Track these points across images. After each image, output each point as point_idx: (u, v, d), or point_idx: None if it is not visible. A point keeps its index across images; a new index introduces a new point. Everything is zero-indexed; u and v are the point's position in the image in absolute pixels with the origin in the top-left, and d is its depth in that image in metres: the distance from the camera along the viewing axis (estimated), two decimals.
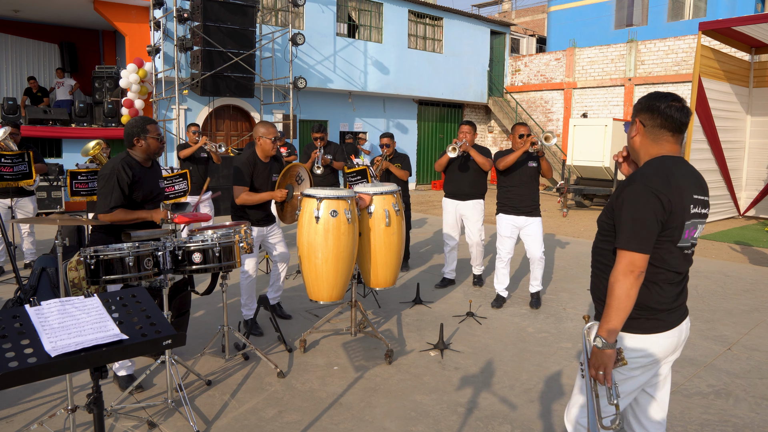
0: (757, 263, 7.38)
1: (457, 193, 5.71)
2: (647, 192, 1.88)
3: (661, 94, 2.01)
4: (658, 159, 1.98)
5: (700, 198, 1.97)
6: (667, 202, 1.87)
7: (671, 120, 1.95)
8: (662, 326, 1.99)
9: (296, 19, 13.89)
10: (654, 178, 1.90)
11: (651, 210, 1.87)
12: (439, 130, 18.60)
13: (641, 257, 1.88)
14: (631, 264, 1.88)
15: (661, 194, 1.87)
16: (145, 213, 3.35)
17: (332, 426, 3.05)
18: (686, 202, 1.92)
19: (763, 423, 3.13)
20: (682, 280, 2.02)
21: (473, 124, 5.59)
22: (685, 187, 1.92)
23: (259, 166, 4.34)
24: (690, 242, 1.99)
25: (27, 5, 11.64)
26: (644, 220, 1.87)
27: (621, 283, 1.88)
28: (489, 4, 32.59)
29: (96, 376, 1.75)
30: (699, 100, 9.92)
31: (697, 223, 1.98)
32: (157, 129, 3.46)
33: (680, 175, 1.94)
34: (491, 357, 4.02)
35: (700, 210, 1.98)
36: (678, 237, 1.93)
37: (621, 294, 1.88)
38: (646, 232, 1.87)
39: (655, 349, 1.99)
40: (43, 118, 10.91)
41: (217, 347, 4.10)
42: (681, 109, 1.96)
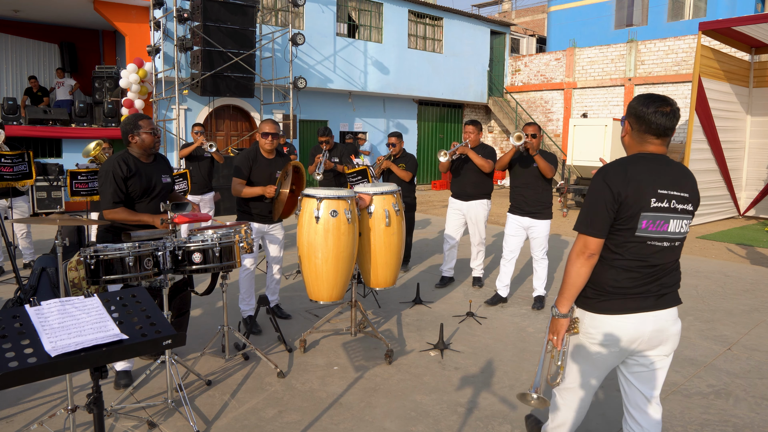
0: (757, 263, 7.38)
1: (460, 193, 5.72)
2: (601, 183, 2.08)
3: (651, 99, 2.13)
4: (630, 156, 2.15)
5: (670, 192, 2.07)
6: (617, 194, 2.04)
7: (656, 126, 2.11)
8: (618, 309, 2.12)
9: (296, 19, 13.89)
10: (611, 171, 2.09)
11: (602, 199, 2.07)
12: (439, 130, 18.60)
13: (593, 240, 2.09)
14: (584, 246, 2.10)
15: (612, 185, 2.05)
16: (148, 217, 3.37)
17: (332, 426, 3.05)
18: (645, 194, 2.04)
19: (763, 423, 3.13)
20: (651, 271, 2.11)
21: (478, 123, 5.56)
22: (644, 180, 2.05)
23: (261, 161, 4.39)
24: (661, 235, 2.08)
25: (27, 5, 11.64)
26: (596, 207, 2.08)
27: (573, 262, 2.12)
28: (489, 4, 32.59)
29: (96, 376, 1.75)
30: (699, 100, 9.92)
31: (671, 217, 2.07)
32: (150, 124, 3.48)
33: (646, 170, 2.07)
34: (491, 357, 4.01)
35: (672, 205, 2.08)
36: (634, 226, 2.06)
37: (573, 272, 2.12)
38: (597, 218, 2.08)
39: (611, 330, 2.13)
40: (43, 118, 10.91)
41: (217, 347, 4.10)
42: (668, 114, 2.10)
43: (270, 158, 4.43)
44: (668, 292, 2.16)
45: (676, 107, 2.14)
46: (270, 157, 4.43)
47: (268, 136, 4.33)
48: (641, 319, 2.12)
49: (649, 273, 2.12)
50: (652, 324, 2.12)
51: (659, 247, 2.10)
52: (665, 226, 2.08)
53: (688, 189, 2.12)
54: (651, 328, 2.12)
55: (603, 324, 2.14)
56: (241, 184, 4.34)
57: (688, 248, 8.35)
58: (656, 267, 2.12)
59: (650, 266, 2.11)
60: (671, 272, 2.16)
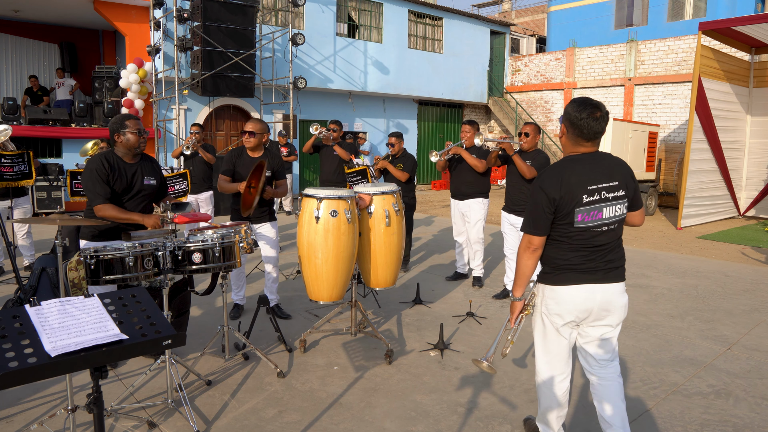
0: (757, 263, 7.38)
1: (456, 192, 5.80)
2: (538, 189, 2.45)
3: (585, 104, 2.44)
4: (563, 160, 2.50)
5: (600, 186, 2.43)
6: (552, 198, 2.40)
7: (588, 130, 2.43)
8: (571, 281, 2.47)
9: (296, 19, 13.88)
10: (546, 179, 2.44)
11: (540, 204, 2.43)
12: (439, 130, 18.60)
13: (536, 238, 2.47)
14: (529, 242, 2.49)
15: (548, 192, 2.41)
16: (138, 216, 3.41)
17: (332, 426, 3.05)
18: (576, 194, 2.39)
19: (763, 423, 3.13)
20: (595, 249, 2.47)
21: (475, 123, 5.60)
22: (575, 182, 2.40)
23: (245, 158, 4.50)
24: (599, 223, 2.43)
25: (27, 5, 11.64)
26: (536, 210, 2.45)
27: (521, 256, 2.52)
28: (489, 4, 32.59)
29: (96, 376, 1.75)
30: (699, 100, 9.93)
31: (603, 206, 2.43)
32: (137, 124, 3.51)
33: (576, 173, 2.41)
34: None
35: (602, 196, 2.43)
36: (572, 220, 2.42)
37: (522, 264, 2.52)
38: (538, 220, 2.45)
39: (562, 300, 2.49)
40: (43, 118, 10.91)
41: (217, 347, 4.10)
42: (599, 119, 2.42)
43: (255, 156, 4.53)
44: (615, 268, 2.51)
45: (606, 111, 2.46)
46: (255, 155, 4.53)
47: (245, 134, 4.49)
48: (591, 290, 2.46)
49: (595, 251, 2.47)
50: (601, 295, 2.47)
51: (598, 232, 2.46)
52: (599, 215, 2.43)
53: (618, 177, 2.46)
54: (600, 299, 2.47)
55: (559, 294, 2.50)
56: (225, 181, 4.48)
57: (688, 248, 8.36)
58: (600, 247, 2.47)
59: (594, 246, 2.46)
60: (615, 249, 2.52)
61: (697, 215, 10.65)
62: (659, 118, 15.17)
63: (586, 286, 2.46)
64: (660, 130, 14.14)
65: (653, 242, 8.85)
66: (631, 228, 10.18)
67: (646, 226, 10.56)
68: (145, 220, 3.38)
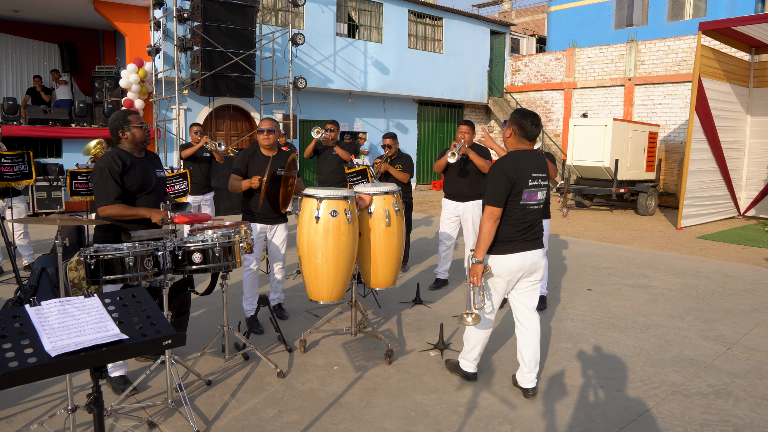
0: (757, 263, 7.38)
1: (456, 194, 5.69)
2: (500, 172, 3.18)
3: (525, 114, 3.27)
4: (515, 152, 3.28)
5: (537, 175, 3.22)
6: (510, 178, 3.15)
7: (530, 133, 3.27)
8: (510, 250, 3.24)
9: (296, 19, 13.88)
10: (507, 164, 3.18)
11: (501, 182, 3.16)
12: (439, 130, 18.60)
13: (496, 210, 3.17)
14: (491, 213, 3.18)
15: (509, 173, 3.15)
16: (145, 211, 3.32)
17: (332, 426, 3.05)
18: (525, 178, 3.17)
19: (763, 423, 3.13)
20: (527, 225, 3.24)
21: (471, 123, 5.57)
22: (525, 169, 3.18)
23: (259, 157, 4.45)
24: (533, 202, 3.24)
25: (27, 5, 11.64)
26: (497, 187, 3.17)
27: (485, 224, 3.19)
28: (489, 4, 32.59)
29: (96, 376, 1.75)
30: (699, 100, 9.92)
31: (537, 190, 3.24)
32: (139, 118, 3.46)
33: (524, 161, 3.20)
34: (491, 357, 4.01)
35: (539, 183, 3.24)
36: (520, 198, 3.19)
37: (485, 231, 3.18)
38: (499, 195, 3.16)
39: (505, 264, 3.25)
40: (43, 118, 10.91)
41: (217, 347, 4.10)
42: (537, 125, 3.27)
43: (269, 155, 4.47)
44: (537, 238, 3.33)
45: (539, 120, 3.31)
46: (269, 154, 4.47)
47: (264, 132, 4.44)
48: (523, 256, 3.26)
49: (526, 226, 3.25)
50: (530, 259, 3.28)
51: (532, 209, 3.26)
52: (535, 196, 3.25)
53: (545, 170, 3.30)
54: (529, 262, 3.28)
55: (503, 262, 3.25)
56: (236, 180, 4.42)
57: (688, 248, 8.36)
58: (529, 221, 3.26)
59: (526, 221, 3.25)
60: (538, 224, 3.33)
61: (697, 215, 10.65)
62: (659, 118, 15.17)
63: (521, 253, 3.25)
64: (660, 130, 14.14)
65: (653, 242, 8.85)
66: (631, 228, 10.21)
67: (646, 226, 10.56)
68: (152, 214, 3.30)
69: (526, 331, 3.39)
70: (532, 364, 3.37)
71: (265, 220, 4.49)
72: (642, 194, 12.06)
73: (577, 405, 3.33)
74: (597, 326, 4.73)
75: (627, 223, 11.04)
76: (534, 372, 3.38)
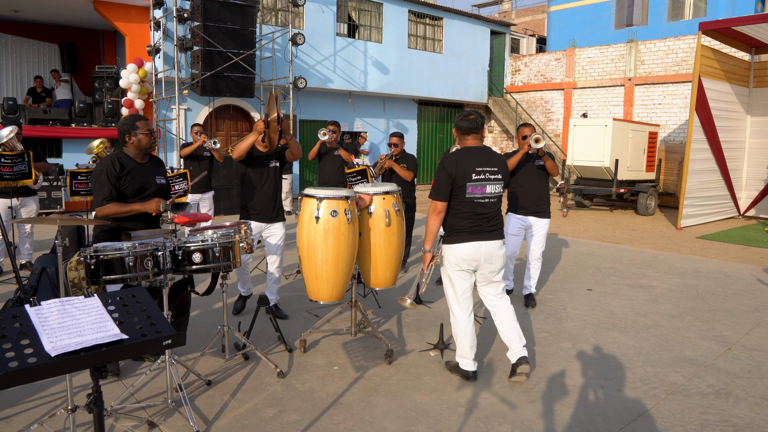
0: (757, 263, 7.38)
1: None
2: (441, 168, 3.44)
3: (460, 114, 3.54)
4: (460, 149, 3.50)
5: (482, 169, 3.41)
6: (450, 174, 3.38)
7: (464, 129, 3.52)
8: (462, 240, 3.46)
9: (296, 19, 13.88)
10: (447, 160, 3.42)
11: (442, 177, 3.42)
12: (439, 130, 18.60)
13: (440, 203, 3.44)
14: (435, 207, 3.45)
15: (447, 169, 3.39)
16: (138, 205, 3.40)
17: (332, 426, 3.05)
18: (467, 173, 3.37)
19: (763, 423, 3.13)
20: (479, 217, 3.44)
21: None
22: (466, 164, 3.38)
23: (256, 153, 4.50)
24: (482, 195, 3.42)
25: (27, 5, 11.64)
26: (439, 182, 3.43)
27: (429, 217, 3.47)
28: (489, 4, 32.58)
29: (96, 376, 1.75)
30: (699, 100, 9.92)
31: (486, 183, 3.42)
32: (147, 125, 3.52)
33: (466, 157, 3.42)
34: (491, 357, 4.01)
35: (486, 177, 3.42)
36: (464, 192, 3.39)
37: (430, 223, 3.47)
38: (442, 190, 3.42)
39: (457, 253, 3.47)
40: (43, 118, 10.90)
41: (217, 347, 4.10)
42: (467, 120, 3.50)
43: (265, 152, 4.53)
44: (495, 230, 3.51)
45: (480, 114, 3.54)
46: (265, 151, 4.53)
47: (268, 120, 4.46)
48: (477, 246, 3.45)
49: (479, 218, 3.44)
50: (485, 249, 3.47)
51: (482, 203, 3.44)
52: (483, 189, 3.42)
53: (496, 165, 3.47)
54: (484, 252, 3.47)
55: (455, 251, 3.48)
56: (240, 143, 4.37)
57: (688, 248, 8.36)
58: (482, 215, 3.45)
59: (478, 214, 3.44)
60: (495, 217, 3.51)
61: (697, 215, 10.65)
62: (659, 118, 15.17)
63: (473, 243, 3.45)
64: (660, 130, 14.13)
65: (653, 242, 8.85)
66: (631, 228, 10.21)
67: (646, 226, 10.56)
68: (146, 206, 3.38)
69: (498, 311, 3.61)
70: (515, 337, 3.57)
71: (262, 218, 4.51)
72: (642, 194, 12.06)
73: (577, 405, 3.33)
74: (597, 326, 4.73)
75: (627, 223, 11.04)
76: (520, 343, 3.56)
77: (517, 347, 3.56)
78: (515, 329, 3.59)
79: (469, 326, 3.57)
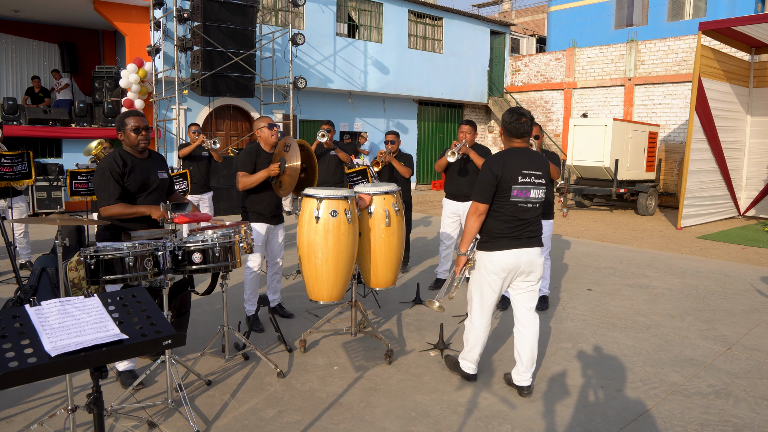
0: (757, 263, 7.38)
1: (457, 194, 5.69)
2: (487, 168, 3.23)
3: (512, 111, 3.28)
4: (506, 150, 3.32)
5: (529, 172, 3.22)
6: (496, 174, 3.18)
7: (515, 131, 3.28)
8: (502, 247, 3.24)
9: (296, 19, 13.88)
10: (493, 161, 3.24)
11: (487, 178, 3.21)
12: (439, 130, 18.59)
13: (481, 205, 3.23)
14: (476, 208, 3.24)
15: (494, 170, 3.19)
16: (144, 208, 3.38)
17: (332, 426, 3.05)
18: (513, 175, 3.18)
19: (763, 423, 3.13)
20: (520, 222, 3.24)
21: (473, 123, 5.57)
22: (514, 166, 3.19)
23: (263, 155, 4.47)
24: (525, 200, 3.22)
25: (27, 5, 11.64)
26: (484, 183, 3.22)
27: (470, 219, 3.27)
28: (489, 4, 32.58)
29: (96, 376, 1.75)
30: (699, 100, 9.92)
31: (531, 188, 3.23)
32: (137, 121, 3.48)
33: (513, 158, 3.22)
34: (491, 357, 4.01)
35: (531, 180, 3.23)
36: (509, 195, 3.19)
37: (469, 225, 3.26)
38: (484, 190, 3.22)
39: (497, 261, 3.25)
40: (43, 118, 10.90)
41: (217, 347, 4.10)
42: (521, 122, 3.26)
43: (270, 152, 4.50)
44: (534, 236, 3.31)
45: (530, 116, 3.29)
46: (271, 152, 4.51)
47: (273, 127, 4.46)
48: (517, 254, 3.24)
49: (520, 224, 3.24)
50: (525, 257, 3.26)
51: (525, 207, 3.24)
52: (528, 194, 3.23)
53: (542, 169, 3.29)
54: (524, 260, 3.26)
55: (495, 258, 3.26)
56: (247, 176, 4.36)
57: (688, 248, 8.36)
58: (524, 220, 3.25)
59: (520, 219, 3.24)
60: (535, 223, 3.32)
61: (697, 215, 10.65)
62: (659, 118, 15.17)
63: (514, 250, 3.24)
64: (660, 130, 14.13)
65: (653, 242, 8.85)
66: (631, 228, 10.21)
67: (646, 226, 10.56)
68: (152, 211, 3.36)
69: (524, 330, 3.38)
70: (529, 364, 3.38)
71: (266, 219, 4.50)
72: (642, 194, 12.06)
73: (577, 405, 3.33)
74: (597, 326, 4.73)
75: (627, 223, 11.04)
76: (530, 371, 3.39)
77: (527, 375, 3.39)
78: (533, 353, 3.38)
79: (485, 336, 3.45)
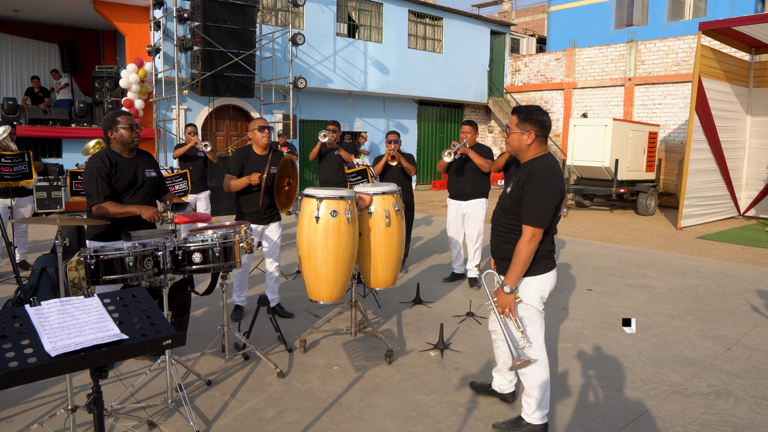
0: (757, 263, 7.38)
1: (458, 193, 5.71)
2: (551, 185, 2.72)
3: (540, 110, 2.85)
4: (547, 157, 2.84)
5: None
6: (560, 191, 2.76)
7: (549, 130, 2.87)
8: (546, 268, 2.88)
9: (296, 19, 13.88)
10: (555, 174, 2.76)
11: (551, 199, 2.73)
12: (439, 130, 18.59)
13: (541, 231, 2.74)
14: (534, 236, 2.74)
15: (557, 184, 2.75)
16: (135, 208, 3.44)
17: (332, 426, 3.05)
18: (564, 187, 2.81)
19: (763, 423, 3.13)
20: (552, 238, 2.93)
21: (474, 123, 5.58)
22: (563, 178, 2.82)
23: (253, 157, 4.50)
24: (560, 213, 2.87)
25: (27, 5, 11.64)
26: (548, 206, 2.72)
27: (526, 249, 2.74)
28: (489, 4, 32.58)
29: (96, 376, 1.75)
30: (699, 100, 9.92)
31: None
32: (129, 119, 3.53)
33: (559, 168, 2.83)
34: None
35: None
36: (558, 212, 2.81)
37: (525, 256, 2.75)
38: (548, 213, 2.73)
39: (547, 284, 2.89)
40: (43, 118, 10.90)
41: (217, 347, 4.10)
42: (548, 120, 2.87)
43: (263, 154, 4.53)
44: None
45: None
46: (263, 154, 4.53)
47: (264, 129, 4.48)
48: (554, 273, 2.93)
49: (552, 239, 2.92)
50: (555, 275, 2.94)
51: (557, 220, 2.88)
52: (563, 206, 2.97)
53: None
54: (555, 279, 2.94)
55: (543, 282, 2.88)
56: (232, 179, 4.46)
57: (688, 248, 8.35)
58: (553, 235, 2.94)
59: (551, 236, 2.92)
60: None
61: (697, 215, 10.65)
62: (659, 118, 15.17)
63: (554, 270, 2.94)
64: (660, 130, 14.13)
65: (653, 242, 8.85)
66: (631, 228, 10.21)
67: (646, 226, 10.56)
68: (142, 211, 3.41)
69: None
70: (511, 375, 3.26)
71: (257, 219, 4.53)
72: (642, 194, 12.06)
73: (577, 405, 3.33)
74: (597, 326, 4.73)
75: (627, 223, 11.04)
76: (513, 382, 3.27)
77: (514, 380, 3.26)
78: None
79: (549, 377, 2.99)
